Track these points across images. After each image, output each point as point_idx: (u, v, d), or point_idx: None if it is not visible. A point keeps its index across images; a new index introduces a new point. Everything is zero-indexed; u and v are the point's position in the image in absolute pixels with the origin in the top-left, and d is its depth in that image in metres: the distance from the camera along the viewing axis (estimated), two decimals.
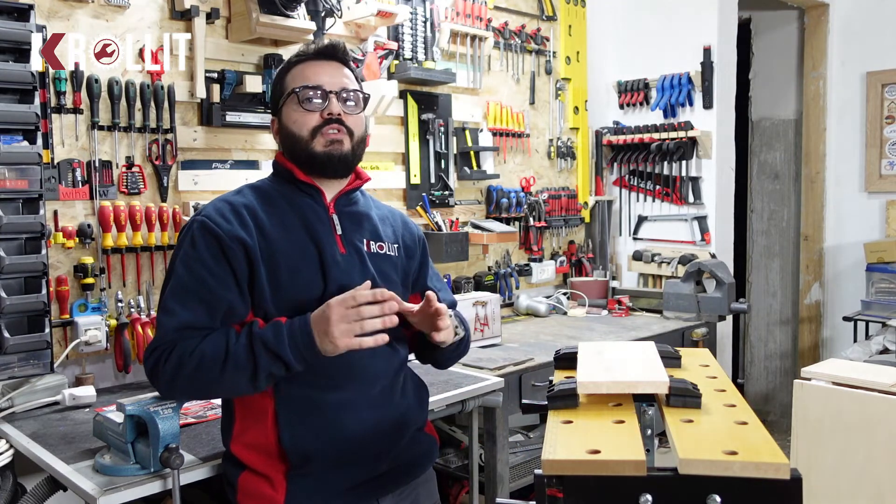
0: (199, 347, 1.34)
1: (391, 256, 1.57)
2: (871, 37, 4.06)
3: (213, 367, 1.33)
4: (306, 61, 1.52)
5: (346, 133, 1.48)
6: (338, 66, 1.53)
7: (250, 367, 1.33)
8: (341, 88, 1.49)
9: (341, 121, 1.47)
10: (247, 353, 1.33)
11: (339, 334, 1.32)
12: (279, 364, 1.34)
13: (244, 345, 1.34)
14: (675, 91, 3.65)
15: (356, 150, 1.51)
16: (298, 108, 1.47)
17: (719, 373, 1.29)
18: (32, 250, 1.96)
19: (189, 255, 1.40)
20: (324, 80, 1.48)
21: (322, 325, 1.33)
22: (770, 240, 4.65)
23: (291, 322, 1.36)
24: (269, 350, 1.33)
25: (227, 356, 1.33)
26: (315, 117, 1.47)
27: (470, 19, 3.20)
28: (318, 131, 1.46)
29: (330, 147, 1.47)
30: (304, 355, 1.34)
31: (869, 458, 1.72)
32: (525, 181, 3.56)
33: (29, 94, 1.95)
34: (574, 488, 0.93)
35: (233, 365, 1.33)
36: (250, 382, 1.35)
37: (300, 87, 1.47)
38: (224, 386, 1.38)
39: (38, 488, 1.65)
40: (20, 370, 1.96)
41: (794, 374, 3.77)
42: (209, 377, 1.34)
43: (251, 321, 1.39)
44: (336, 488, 1.43)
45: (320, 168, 1.48)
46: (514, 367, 2.45)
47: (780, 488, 0.88)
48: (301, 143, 1.47)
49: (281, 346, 1.33)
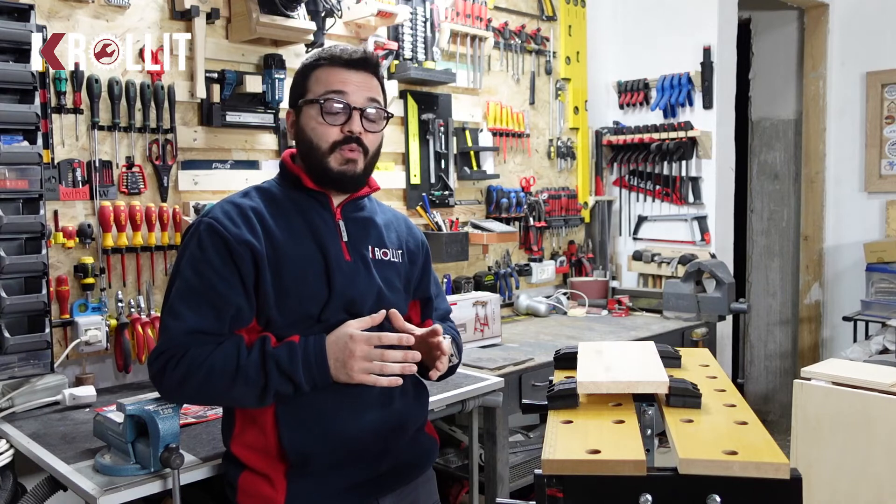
0: (209, 359, 1.33)
1: (395, 263, 1.56)
2: (871, 37, 4.06)
3: (221, 380, 1.33)
4: (334, 67, 1.46)
5: (362, 152, 1.46)
6: (367, 78, 1.48)
7: (260, 385, 1.34)
8: (366, 105, 1.46)
9: (360, 140, 1.45)
10: (258, 371, 1.33)
11: (357, 370, 1.35)
12: (290, 385, 1.35)
13: (256, 362, 1.34)
14: (675, 91, 3.65)
15: (368, 167, 1.50)
16: (320, 118, 1.44)
17: (719, 373, 1.29)
18: (32, 250, 1.96)
19: (196, 257, 1.39)
20: (351, 95, 1.44)
21: (341, 355, 1.35)
22: (770, 240, 4.65)
23: (306, 345, 1.36)
24: (282, 371, 1.34)
25: (237, 371, 1.33)
26: (335, 131, 1.44)
27: (470, 19, 3.20)
28: (336, 147, 1.44)
29: (345, 167, 1.45)
30: (315, 380, 1.36)
31: (869, 458, 1.73)
32: (525, 181, 3.56)
33: (29, 94, 1.95)
34: (574, 488, 0.93)
35: (243, 381, 1.33)
36: (258, 399, 1.36)
37: (325, 96, 1.44)
38: (231, 399, 1.40)
39: (38, 488, 1.65)
40: (20, 370, 1.96)
41: (794, 374, 3.77)
42: (217, 390, 1.35)
43: (262, 336, 1.38)
44: (336, 488, 1.43)
45: (331, 184, 1.47)
46: (514, 367, 2.45)
47: (780, 488, 0.88)
48: (317, 154, 1.45)
49: (294, 368, 1.34)
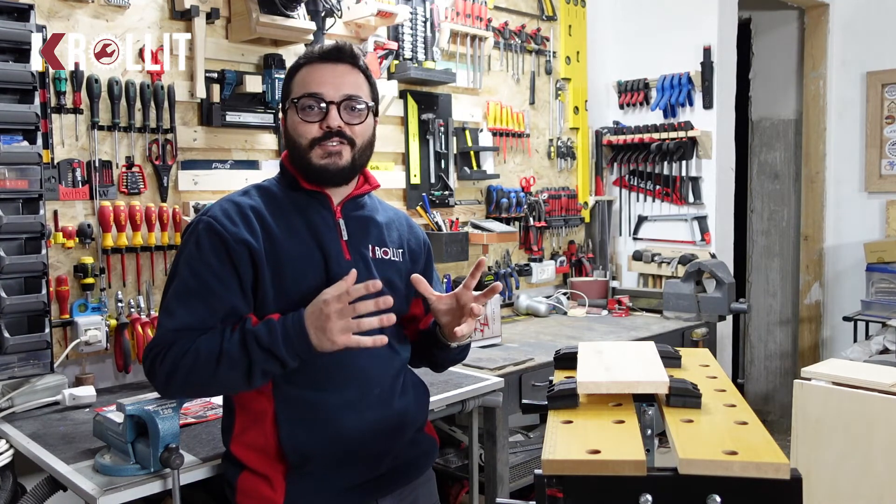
0: (194, 346, 1.33)
1: (396, 262, 1.55)
2: (871, 37, 4.06)
3: (207, 365, 1.32)
4: (311, 64, 1.46)
5: (347, 144, 1.45)
6: (345, 70, 1.46)
7: (244, 365, 1.32)
8: (344, 97, 1.44)
9: (342, 132, 1.44)
10: (240, 350, 1.32)
11: (337, 331, 1.30)
12: (274, 361, 1.33)
13: (237, 342, 1.33)
14: (675, 91, 3.65)
15: (357, 159, 1.47)
16: (297, 117, 1.44)
17: (719, 373, 1.29)
18: (32, 250, 1.96)
19: (193, 257, 1.39)
20: (325, 89, 1.43)
21: (318, 322, 1.31)
22: (770, 240, 4.65)
23: (285, 319, 1.34)
24: (263, 347, 1.32)
25: (220, 354, 1.32)
26: (314, 128, 1.43)
27: (470, 19, 3.20)
28: (316, 143, 1.43)
29: (326, 160, 1.43)
30: (298, 352, 1.33)
31: (869, 458, 1.73)
32: (525, 181, 3.56)
33: (29, 94, 1.95)
34: (574, 488, 0.93)
35: (227, 363, 1.32)
36: (245, 380, 1.34)
37: (299, 96, 1.43)
38: (219, 384, 1.38)
39: (38, 488, 1.65)
40: (20, 370, 1.96)
41: (794, 374, 3.77)
42: (204, 376, 1.34)
43: (244, 317, 1.37)
44: (335, 489, 1.43)
45: (316, 179, 1.46)
46: (514, 367, 2.45)
47: (780, 488, 0.88)
48: (300, 151, 1.45)
49: (275, 343, 1.31)
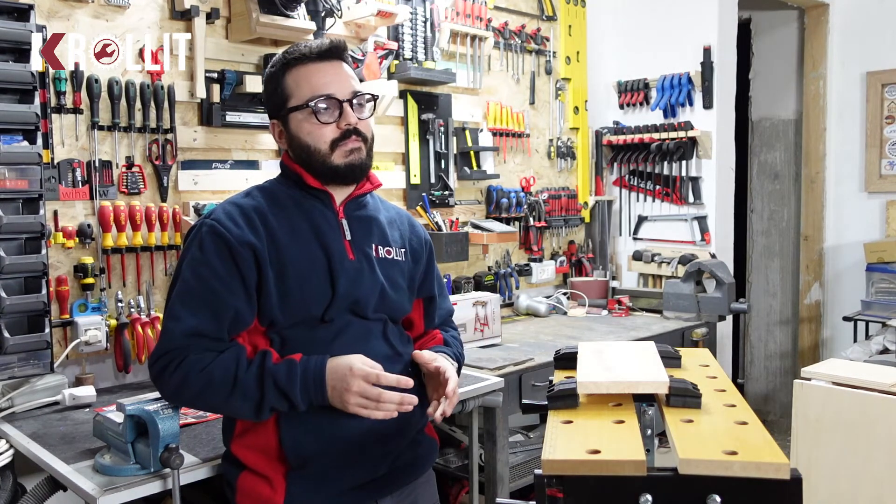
0: (208, 368, 1.33)
1: (399, 262, 1.55)
2: (871, 37, 4.06)
3: (219, 391, 1.34)
4: (309, 63, 1.44)
5: (362, 140, 1.46)
6: (343, 67, 1.47)
7: (256, 399, 1.34)
8: (352, 94, 1.44)
9: (358, 130, 1.44)
10: (256, 384, 1.33)
11: (353, 403, 1.34)
12: (286, 402, 1.35)
13: (255, 376, 1.34)
14: (675, 91, 3.65)
15: (370, 154, 1.49)
16: (313, 120, 1.42)
17: (719, 373, 1.29)
18: (32, 250, 1.96)
19: (197, 260, 1.39)
20: (334, 89, 1.43)
21: (339, 385, 1.34)
22: (770, 240, 4.65)
23: (306, 365, 1.35)
24: (279, 389, 1.34)
25: (235, 383, 1.33)
26: (332, 129, 1.43)
27: (470, 19, 3.20)
28: (336, 144, 1.43)
29: (350, 158, 1.44)
30: (312, 401, 1.35)
31: (869, 458, 1.72)
32: (525, 181, 3.56)
33: (29, 94, 1.95)
34: (574, 488, 0.93)
35: (240, 393, 1.33)
36: (254, 412, 1.36)
37: (313, 99, 1.42)
38: (228, 409, 1.40)
39: (38, 488, 1.65)
40: (20, 370, 1.96)
41: (794, 374, 3.77)
42: (214, 399, 1.36)
43: (264, 351, 1.38)
44: (335, 489, 1.43)
45: (342, 179, 1.46)
46: (514, 367, 2.45)
47: (780, 488, 0.88)
48: (319, 155, 1.44)
49: (292, 388, 1.33)
